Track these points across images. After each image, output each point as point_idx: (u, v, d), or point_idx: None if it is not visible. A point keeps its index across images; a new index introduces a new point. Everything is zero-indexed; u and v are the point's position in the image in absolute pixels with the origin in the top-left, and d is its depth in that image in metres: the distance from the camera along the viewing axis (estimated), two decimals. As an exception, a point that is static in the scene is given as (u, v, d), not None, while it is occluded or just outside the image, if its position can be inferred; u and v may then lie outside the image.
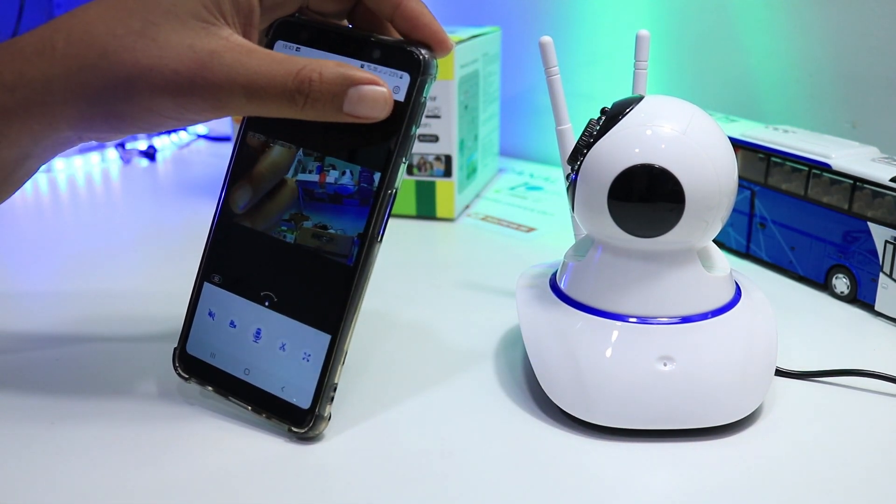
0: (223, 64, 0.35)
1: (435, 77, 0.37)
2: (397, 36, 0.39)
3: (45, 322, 0.50)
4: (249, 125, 0.40)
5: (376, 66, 0.37)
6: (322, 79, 0.35)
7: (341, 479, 0.36)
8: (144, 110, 0.35)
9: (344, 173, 0.37)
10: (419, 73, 0.36)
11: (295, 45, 0.39)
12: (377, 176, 0.37)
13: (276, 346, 0.39)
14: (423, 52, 0.37)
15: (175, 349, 0.41)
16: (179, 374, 0.41)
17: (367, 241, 0.37)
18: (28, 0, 1.01)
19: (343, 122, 0.36)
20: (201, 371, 0.40)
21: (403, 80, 0.36)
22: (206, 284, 0.41)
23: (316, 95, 0.35)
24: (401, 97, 0.36)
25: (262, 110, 0.36)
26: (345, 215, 0.37)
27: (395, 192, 0.37)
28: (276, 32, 0.39)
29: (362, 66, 0.37)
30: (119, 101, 0.35)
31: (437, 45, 0.38)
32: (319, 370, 0.37)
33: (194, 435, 0.39)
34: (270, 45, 0.39)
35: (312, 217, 0.38)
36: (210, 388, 0.40)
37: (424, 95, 0.37)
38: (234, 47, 0.35)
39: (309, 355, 0.38)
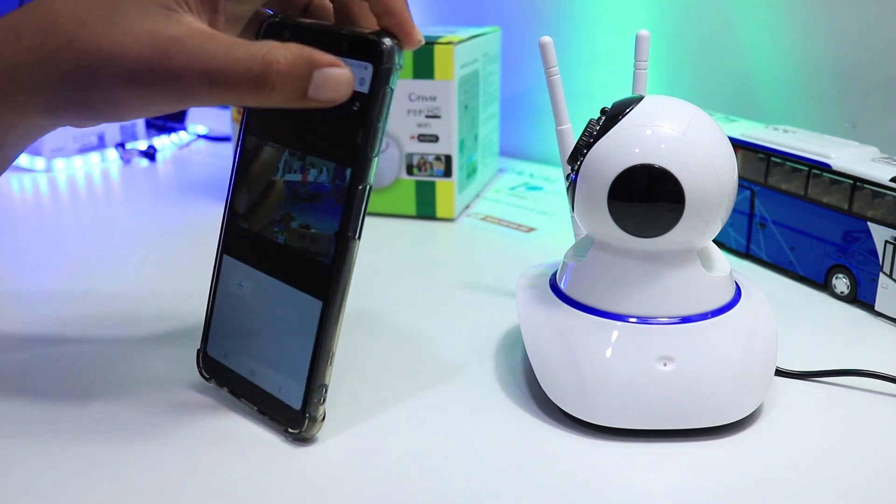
0: (184, 49, 0.34)
1: (401, 66, 0.36)
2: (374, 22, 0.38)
3: (46, 322, 0.50)
4: (244, 128, 0.40)
5: (344, 58, 0.36)
6: (287, 62, 0.34)
7: (341, 480, 0.36)
8: (107, 99, 0.35)
9: (322, 171, 0.37)
10: (381, 62, 0.35)
11: None
12: (349, 172, 0.36)
13: (274, 349, 0.39)
14: (385, 40, 0.35)
15: (198, 350, 0.42)
16: (203, 376, 0.42)
17: (343, 240, 0.36)
18: (28, 0, 1.01)
19: (310, 112, 0.35)
20: (218, 372, 0.41)
21: (368, 70, 0.35)
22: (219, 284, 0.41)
23: (282, 80, 0.34)
24: (365, 88, 0.35)
25: (225, 98, 0.35)
26: (323, 214, 0.37)
27: (369, 187, 0.36)
28: (266, 33, 0.39)
29: None
30: (83, 88, 0.35)
31: (404, 38, 0.36)
32: (307, 372, 0.37)
33: (195, 436, 0.39)
34: None
35: (298, 217, 0.38)
36: (226, 389, 0.41)
37: (391, 86, 0.35)
38: (195, 33, 0.35)
39: (298, 357, 0.38)
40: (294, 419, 0.38)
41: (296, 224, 0.38)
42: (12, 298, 0.55)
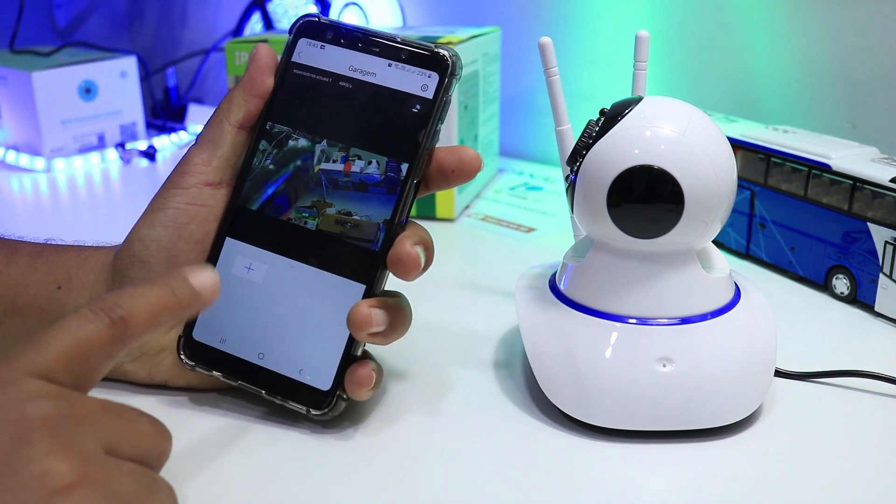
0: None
1: (460, 78, 0.39)
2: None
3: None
4: (266, 116, 0.40)
5: (404, 65, 0.39)
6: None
7: (340, 481, 0.36)
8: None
9: (370, 163, 0.39)
10: (447, 74, 0.38)
11: (319, 44, 0.40)
12: (405, 166, 0.38)
13: (298, 332, 0.39)
14: (450, 54, 0.38)
15: (179, 336, 0.41)
16: (184, 362, 0.40)
17: (394, 226, 0.38)
18: (28, 0, 1.01)
19: (366, 110, 0.39)
20: (207, 357, 0.40)
21: (432, 79, 0.38)
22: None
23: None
24: (429, 95, 0.38)
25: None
26: (371, 202, 0.39)
27: (420, 182, 0.39)
28: (300, 31, 0.40)
29: (389, 66, 0.39)
30: None
31: (470, 162, 0.39)
32: (342, 352, 0.38)
33: (197, 435, 0.39)
34: (293, 44, 0.40)
35: (337, 204, 0.39)
36: (218, 374, 0.40)
37: (450, 94, 0.39)
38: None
39: (330, 338, 0.38)
40: (320, 400, 0.38)
41: (333, 210, 0.39)
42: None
